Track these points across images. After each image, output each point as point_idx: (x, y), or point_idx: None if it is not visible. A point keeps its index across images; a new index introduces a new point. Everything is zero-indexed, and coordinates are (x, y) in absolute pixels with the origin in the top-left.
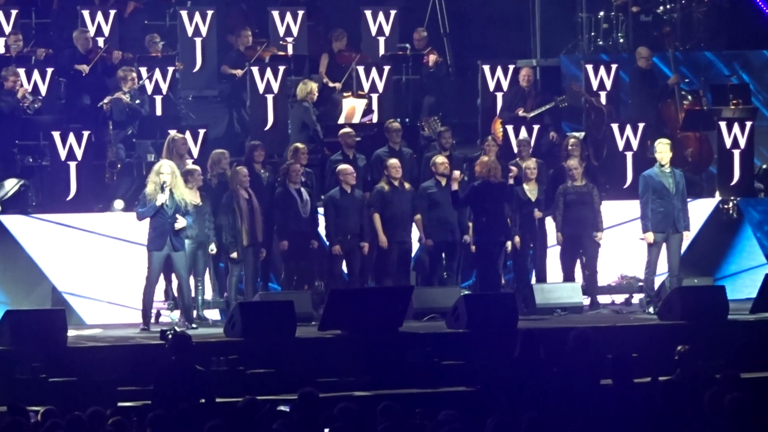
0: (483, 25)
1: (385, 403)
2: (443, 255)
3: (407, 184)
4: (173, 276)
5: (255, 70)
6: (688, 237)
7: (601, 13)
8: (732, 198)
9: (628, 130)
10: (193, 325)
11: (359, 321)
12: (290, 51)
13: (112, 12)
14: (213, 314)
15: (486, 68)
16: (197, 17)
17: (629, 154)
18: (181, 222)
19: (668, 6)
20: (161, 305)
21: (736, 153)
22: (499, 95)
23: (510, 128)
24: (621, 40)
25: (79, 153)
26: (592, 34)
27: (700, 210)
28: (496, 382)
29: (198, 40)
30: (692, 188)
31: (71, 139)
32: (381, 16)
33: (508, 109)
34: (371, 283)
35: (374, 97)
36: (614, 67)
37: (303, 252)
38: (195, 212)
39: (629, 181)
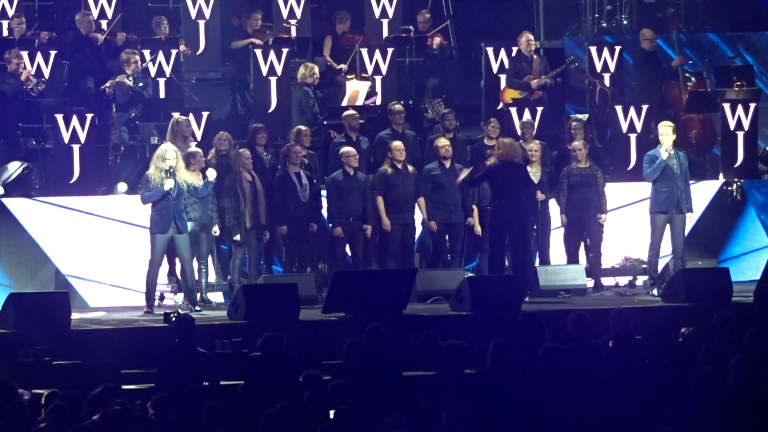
0: (486, 7)
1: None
2: (446, 237)
3: (410, 166)
4: (176, 259)
5: (258, 52)
6: (691, 218)
7: None
8: (736, 180)
9: (632, 111)
10: (197, 308)
11: (363, 303)
12: (293, 33)
13: None
14: (216, 297)
15: (489, 50)
16: None
17: (633, 136)
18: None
19: None
20: (165, 288)
21: (740, 135)
22: (503, 77)
23: (513, 110)
24: (625, 22)
25: (82, 136)
26: (596, 15)
27: (703, 192)
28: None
29: (201, 23)
30: (696, 170)
31: (74, 121)
32: None
33: (516, 76)
34: (375, 265)
35: (378, 79)
36: (618, 48)
37: (303, 236)
38: (197, 194)
39: (633, 163)
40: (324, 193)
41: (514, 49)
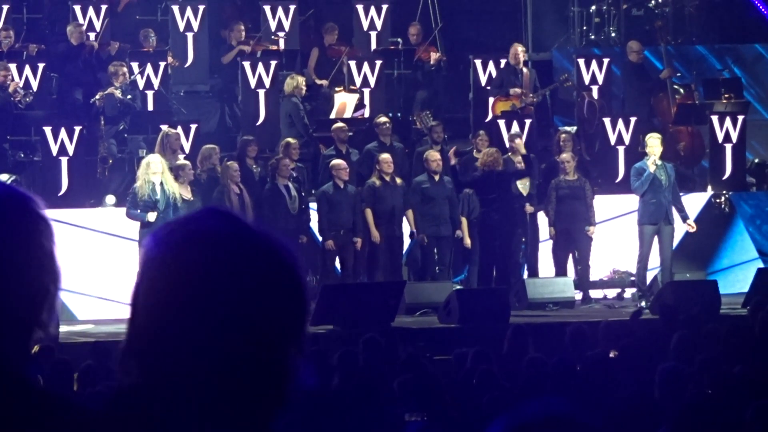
0: (475, 20)
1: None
2: (435, 250)
3: (398, 179)
4: None
5: (246, 64)
6: (692, 227)
7: (593, 7)
8: (724, 192)
9: (620, 124)
10: None
11: (351, 316)
12: (282, 46)
13: (104, 7)
14: None
15: (478, 62)
16: (189, 12)
17: (621, 149)
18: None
19: (660, 0)
20: None
21: (728, 147)
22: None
23: (502, 122)
24: (613, 34)
25: (70, 148)
26: (584, 28)
27: (692, 204)
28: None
29: (189, 35)
30: (684, 182)
31: (63, 134)
32: (373, 11)
33: (499, 87)
34: (363, 278)
35: (366, 91)
36: (606, 61)
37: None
38: (186, 207)
39: (621, 176)
40: (313, 205)
41: (503, 61)
